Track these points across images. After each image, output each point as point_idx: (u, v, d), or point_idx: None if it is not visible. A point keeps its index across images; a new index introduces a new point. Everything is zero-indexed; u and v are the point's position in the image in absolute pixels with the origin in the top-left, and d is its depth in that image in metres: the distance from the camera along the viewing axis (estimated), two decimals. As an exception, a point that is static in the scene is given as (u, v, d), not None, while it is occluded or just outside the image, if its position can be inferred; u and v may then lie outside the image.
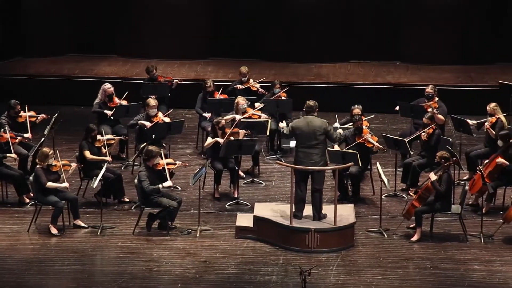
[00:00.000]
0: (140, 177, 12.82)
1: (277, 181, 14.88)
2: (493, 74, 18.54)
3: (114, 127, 15.41)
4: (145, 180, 12.75)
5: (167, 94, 16.48)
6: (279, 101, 15.81)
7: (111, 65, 19.38)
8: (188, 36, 19.71)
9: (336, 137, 12.88)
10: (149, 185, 12.74)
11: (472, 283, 11.68)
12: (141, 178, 12.80)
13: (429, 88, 15.51)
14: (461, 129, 14.97)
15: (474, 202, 13.80)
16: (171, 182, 12.90)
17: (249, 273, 11.92)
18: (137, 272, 11.95)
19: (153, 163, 12.98)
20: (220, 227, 13.24)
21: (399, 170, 14.55)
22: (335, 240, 12.54)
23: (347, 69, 19.24)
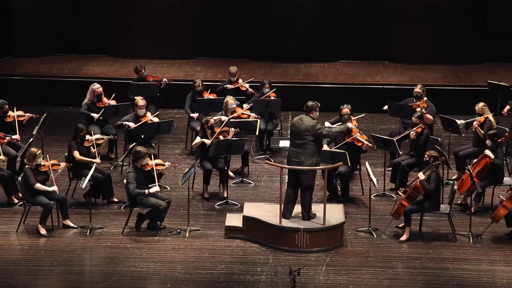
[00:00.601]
0: (127, 179, 12.81)
1: (267, 181, 14.89)
2: (481, 73, 18.59)
3: (103, 127, 15.38)
4: (132, 183, 12.74)
5: (156, 94, 16.46)
6: (269, 101, 15.81)
7: (100, 65, 19.35)
8: (177, 36, 19.69)
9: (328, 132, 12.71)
10: (135, 189, 12.73)
11: (460, 282, 11.71)
12: (128, 180, 12.78)
13: (417, 88, 15.55)
14: (450, 129, 15.01)
15: (463, 201, 13.84)
16: (158, 188, 12.85)
17: (238, 273, 11.92)
18: (126, 272, 11.93)
19: (141, 163, 12.96)
20: (209, 227, 13.23)
21: (388, 170, 14.58)
22: (325, 239, 12.55)
23: (336, 69, 19.26)
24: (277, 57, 19.46)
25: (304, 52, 19.45)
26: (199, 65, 19.48)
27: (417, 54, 19.27)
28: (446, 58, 19.20)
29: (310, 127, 12.53)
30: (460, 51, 19.21)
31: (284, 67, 19.19)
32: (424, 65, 19.12)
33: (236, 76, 16.72)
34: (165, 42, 19.64)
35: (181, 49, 19.78)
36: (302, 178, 12.61)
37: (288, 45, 19.43)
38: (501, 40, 19.06)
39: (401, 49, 19.43)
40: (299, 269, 10.40)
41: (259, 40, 19.61)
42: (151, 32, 19.62)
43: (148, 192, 12.75)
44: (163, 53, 19.61)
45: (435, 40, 19.26)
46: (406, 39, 19.37)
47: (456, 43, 19.19)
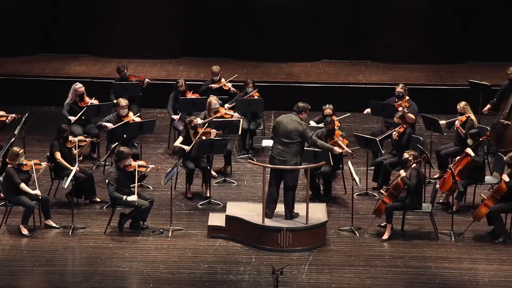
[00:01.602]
0: (108, 180, 12.78)
1: (249, 181, 14.90)
2: (462, 73, 18.68)
3: (85, 127, 15.34)
4: (112, 185, 12.71)
5: (138, 93, 16.43)
6: (251, 100, 15.82)
7: (82, 64, 19.29)
8: (160, 35, 19.66)
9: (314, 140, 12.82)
10: (115, 191, 12.70)
11: (442, 281, 11.76)
12: (109, 181, 12.76)
13: (399, 88, 15.59)
14: (432, 128, 15.06)
15: (445, 200, 13.90)
16: (136, 197, 12.76)
17: (221, 273, 11.92)
18: (109, 272, 11.91)
19: (124, 164, 12.94)
20: (192, 226, 13.23)
21: (370, 169, 14.63)
22: (307, 239, 12.57)
23: (318, 68, 19.30)
24: (260, 56, 19.47)
25: (286, 51, 19.47)
26: (182, 64, 19.45)
27: (399, 53, 19.33)
28: (428, 57, 19.27)
29: (300, 130, 12.55)
30: (442, 51, 19.29)
31: (266, 67, 19.20)
32: (406, 65, 19.19)
33: (219, 76, 16.72)
34: (147, 41, 19.60)
35: (164, 48, 19.75)
36: (287, 177, 12.62)
37: (271, 45, 19.44)
38: (482, 40, 19.16)
39: (383, 48, 19.50)
40: (282, 269, 10.40)
41: (241, 39, 19.61)
42: (133, 32, 19.58)
43: (125, 199, 12.71)
44: (146, 52, 19.57)
45: (417, 39, 19.33)
46: (388, 38, 19.44)
47: (438, 42, 19.27)
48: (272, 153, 12.68)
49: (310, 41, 19.53)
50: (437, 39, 19.26)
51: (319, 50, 19.63)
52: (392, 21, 19.43)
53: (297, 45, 19.49)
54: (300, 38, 19.47)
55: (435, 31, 19.27)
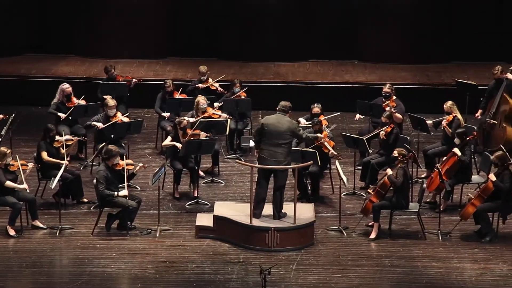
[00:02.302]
0: (97, 179, 12.76)
1: (237, 181, 14.90)
2: (449, 72, 18.74)
3: (72, 127, 15.30)
4: (102, 183, 12.69)
5: (125, 93, 16.41)
6: (239, 100, 15.82)
7: (69, 64, 19.24)
8: (147, 35, 19.64)
9: (305, 136, 12.90)
10: (105, 189, 12.68)
11: (430, 280, 11.79)
12: (98, 179, 12.74)
13: (386, 88, 15.63)
14: (419, 128, 15.10)
15: (432, 199, 13.94)
16: (127, 192, 12.78)
17: (209, 273, 11.92)
18: (97, 272, 11.88)
19: (112, 162, 12.92)
20: (180, 226, 13.22)
21: (358, 169, 14.65)
22: (295, 238, 12.58)
23: (306, 68, 19.32)
24: (247, 56, 19.47)
25: (274, 51, 19.48)
26: (169, 64, 19.44)
27: (386, 53, 19.38)
28: (415, 57, 19.32)
29: (293, 128, 12.57)
30: (429, 50, 19.34)
31: (254, 67, 19.21)
32: (393, 64, 19.24)
33: (206, 76, 16.72)
34: (134, 41, 19.57)
35: (151, 48, 19.73)
36: (278, 177, 12.62)
37: (258, 45, 19.45)
38: (469, 39, 19.22)
39: (370, 48, 19.54)
40: (269, 268, 10.41)
41: (229, 39, 19.61)
42: (120, 32, 19.55)
43: (117, 194, 12.71)
44: (133, 52, 19.54)
45: (404, 39, 19.38)
46: (375, 38, 19.48)
47: (425, 42, 19.32)
48: (263, 155, 12.63)
49: (298, 41, 19.55)
50: (424, 39, 19.31)
51: (307, 50, 19.65)
52: (379, 21, 19.47)
53: (285, 45, 19.50)
54: (287, 38, 19.49)
55: (422, 31, 19.32)
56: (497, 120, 15.66)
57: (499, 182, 12.66)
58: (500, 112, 15.68)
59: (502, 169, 12.80)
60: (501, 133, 15.63)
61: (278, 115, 12.75)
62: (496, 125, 15.67)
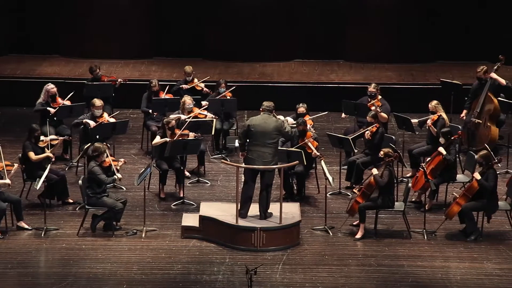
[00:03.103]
0: (95, 172, 12.74)
1: (223, 181, 14.90)
2: (434, 72, 18.80)
3: (57, 128, 15.26)
4: (101, 174, 12.74)
5: (111, 94, 16.38)
6: (224, 100, 15.82)
7: (54, 65, 19.18)
8: (132, 35, 19.60)
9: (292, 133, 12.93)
10: (107, 178, 12.78)
11: (415, 279, 11.83)
12: (96, 172, 12.74)
13: (371, 87, 15.66)
14: (404, 127, 15.14)
15: (417, 199, 13.98)
16: (120, 175, 12.94)
17: (195, 273, 11.92)
18: (82, 273, 11.86)
19: (101, 159, 12.92)
20: (165, 227, 13.20)
21: (343, 168, 14.68)
22: (281, 238, 12.59)
23: (291, 68, 19.33)
24: (232, 56, 19.47)
25: (259, 51, 19.49)
26: (154, 64, 19.41)
27: (371, 53, 19.42)
28: (400, 56, 19.38)
29: (279, 127, 12.58)
30: (413, 50, 19.40)
31: (239, 67, 19.21)
32: (378, 64, 19.28)
33: (192, 76, 16.70)
34: (119, 41, 19.53)
35: (136, 48, 19.69)
36: (265, 177, 12.63)
37: (243, 45, 19.45)
38: (453, 39, 19.30)
39: (355, 48, 19.57)
40: (255, 268, 10.42)
41: (214, 39, 19.60)
42: (105, 32, 19.50)
43: (118, 177, 12.86)
44: (118, 52, 19.50)
45: (389, 39, 19.42)
46: (360, 38, 19.51)
47: (409, 41, 19.37)
48: (251, 156, 12.61)
49: (283, 41, 19.56)
50: (409, 39, 19.36)
51: (292, 50, 19.67)
52: (364, 21, 19.51)
53: (270, 45, 19.51)
54: (272, 38, 19.49)
55: (407, 30, 19.37)
56: (482, 120, 15.73)
57: (483, 181, 12.71)
58: (484, 111, 15.74)
59: (486, 168, 12.85)
60: (486, 132, 15.71)
61: (263, 115, 12.75)
62: (481, 125, 15.74)
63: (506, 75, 16.53)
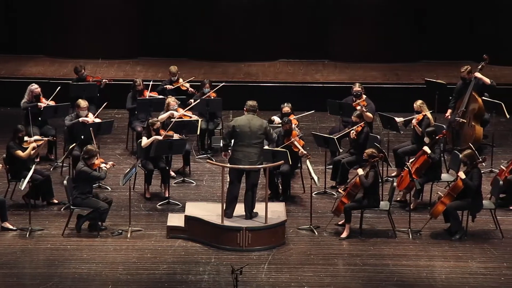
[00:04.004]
0: (87, 171, 12.74)
1: (208, 180, 14.89)
2: (418, 71, 18.85)
3: (42, 128, 15.22)
4: (93, 171, 12.76)
5: (96, 94, 16.35)
6: (209, 100, 15.82)
7: (38, 65, 19.12)
8: (117, 35, 19.56)
9: (274, 137, 13.00)
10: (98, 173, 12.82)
11: (400, 278, 11.87)
12: (88, 171, 12.73)
13: (356, 87, 15.70)
14: (389, 127, 15.18)
15: (402, 198, 14.02)
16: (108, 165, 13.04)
17: (180, 273, 11.91)
18: (67, 274, 11.83)
19: (91, 162, 12.91)
20: (151, 227, 13.19)
21: (328, 168, 14.71)
22: (266, 238, 12.60)
23: (276, 68, 19.34)
24: (217, 56, 19.46)
25: (244, 51, 19.49)
26: (139, 64, 19.37)
27: (356, 52, 19.46)
28: (385, 56, 19.42)
29: (264, 127, 12.59)
30: (398, 49, 19.45)
31: (224, 66, 19.21)
32: (363, 63, 19.32)
33: (177, 76, 16.69)
34: (104, 41, 19.48)
35: (121, 48, 19.65)
36: (251, 177, 12.63)
37: (228, 45, 19.45)
38: (438, 38, 19.36)
39: (340, 47, 19.60)
40: (241, 268, 10.43)
41: (199, 39, 19.59)
42: (90, 32, 19.45)
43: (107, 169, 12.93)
44: (103, 52, 19.46)
45: (374, 38, 19.46)
46: (345, 37, 19.55)
47: (394, 41, 19.42)
48: (236, 157, 12.60)
49: (268, 40, 19.57)
50: (394, 38, 19.41)
51: (277, 49, 19.68)
52: (349, 20, 19.54)
53: (255, 44, 19.52)
54: (257, 37, 19.50)
55: (391, 30, 19.42)
56: (466, 119, 15.80)
57: (468, 180, 12.76)
58: (469, 111, 15.81)
59: (471, 167, 12.91)
60: (470, 131, 15.77)
61: (248, 115, 12.75)
62: (465, 124, 15.81)
63: (490, 74, 16.62)
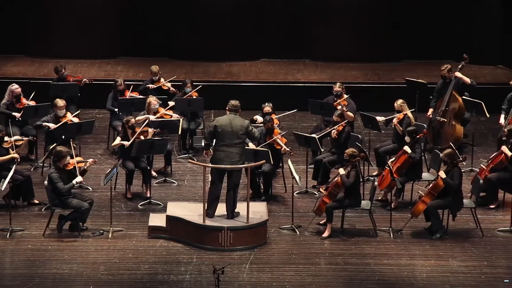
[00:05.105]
0: (52, 179, 12.65)
1: (190, 180, 14.88)
2: (399, 71, 18.92)
3: (22, 128, 15.16)
4: (59, 181, 12.61)
5: (76, 94, 16.30)
6: (191, 100, 15.81)
7: (19, 65, 19.03)
8: (98, 35, 19.51)
9: (257, 136, 12.99)
10: (64, 185, 12.62)
11: (381, 277, 11.90)
12: (54, 180, 12.63)
13: (337, 87, 15.74)
14: (370, 126, 15.23)
15: (383, 197, 14.07)
16: (82, 178, 12.82)
17: (162, 273, 11.89)
18: (48, 274, 11.79)
19: (63, 163, 12.83)
20: (132, 227, 13.16)
21: (310, 167, 14.73)
22: (248, 238, 12.61)
23: (257, 68, 19.36)
24: (199, 56, 19.45)
25: (225, 51, 19.49)
26: (120, 64, 19.33)
27: (337, 52, 19.50)
28: (365, 56, 19.48)
29: (246, 126, 12.58)
30: (379, 49, 19.51)
31: (206, 66, 19.20)
32: (344, 63, 19.37)
33: (158, 75, 16.66)
34: (85, 41, 19.42)
35: (102, 48, 19.60)
36: (232, 176, 12.63)
37: (210, 44, 19.44)
38: (418, 38, 19.43)
39: (321, 47, 19.64)
40: (223, 268, 10.43)
41: (180, 39, 19.56)
42: (71, 31, 19.39)
43: (76, 182, 12.71)
44: (83, 52, 19.40)
45: (354, 38, 19.51)
46: (326, 37, 19.58)
47: (375, 41, 19.48)
48: (218, 157, 12.58)
49: (249, 40, 19.58)
50: (374, 38, 19.46)
51: (258, 49, 19.69)
52: (330, 20, 19.58)
53: (236, 44, 19.52)
54: (239, 37, 19.51)
55: (372, 30, 19.48)
56: (447, 118, 15.87)
57: (449, 179, 12.82)
58: (449, 110, 15.88)
59: (451, 166, 12.97)
60: (451, 130, 15.85)
61: (229, 115, 12.75)
62: (446, 123, 15.88)
63: (470, 74, 16.70)
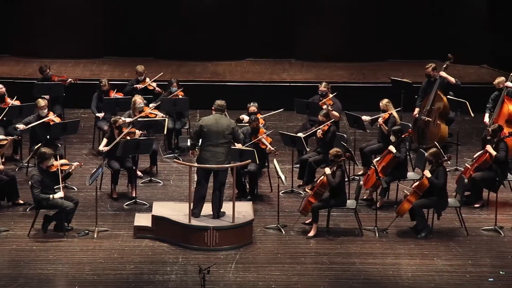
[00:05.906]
0: (32, 182, 12.59)
1: (175, 180, 14.87)
2: (384, 71, 18.97)
3: (7, 128, 15.11)
4: (37, 187, 12.53)
5: (61, 93, 16.26)
6: (176, 99, 15.79)
7: (3, 64, 18.97)
8: (83, 34, 19.46)
9: (241, 138, 13.03)
10: (40, 193, 12.54)
11: (367, 276, 11.93)
12: (33, 183, 12.57)
13: (322, 86, 15.77)
14: (355, 125, 15.26)
15: (369, 196, 14.10)
16: (62, 194, 12.67)
17: (148, 273, 11.88)
18: (33, 275, 11.75)
19: (46, 165, 12.78)
20: (118, 227, 13.14)
21: (295, 167, 14.75)
22: (234, 237, 12.61)
23: (243, 67, 19.36)
24: (184, 55, 19.44)
25: (211, 50, 19.48)
26: (105, 64, 19.29)
27: (322, 52, 19.53)
28: (351, 55, 19.52)
29: (232, 126, 12.58)
30: (364, 49, 19.55)
31: (191, 66, 19.19)
32: (329, 63, 19.41)
33: (144, 75, 16.64)
34: (70, 41, 19.37)
35: (87, 48, 19.55)
36: (218, 176, 12.62)
37: (195, 44, 19.43)
38: (403, 38, 19.49)
39: (307, 47, 19.67)
40: (208, 268, 10.43)
41: (166, 38, 19.54)
42: (56, 31, 19.33)
43: (53, 197, 12.58)
44: (68, 52, 19.35)
45: (340, 38, 19.55)
46: (312, 37, 19.62)
47: (360, 41, 19.53)
48: (204, 156, 12.57)
49: (235, 40, 19.58)
50: (360, 38, 19.51)
51: (244, 49, 19.70)
52: (315, 20, 19.61)
53: (222, 44, 19.52)
54: (224, 37, 19.50)
55: (358, 29, 19.52)
56: (432, 118, 15.92)
57: (434, 178, 12.86)
58: (434, 109, 15.93)
59: (436, 165, 13.01)
60: (436, 130, 15.90)
61: (215, 115, 12.74)
62: (431, 123, 15.93)
63: (455, 73, 16.76)
